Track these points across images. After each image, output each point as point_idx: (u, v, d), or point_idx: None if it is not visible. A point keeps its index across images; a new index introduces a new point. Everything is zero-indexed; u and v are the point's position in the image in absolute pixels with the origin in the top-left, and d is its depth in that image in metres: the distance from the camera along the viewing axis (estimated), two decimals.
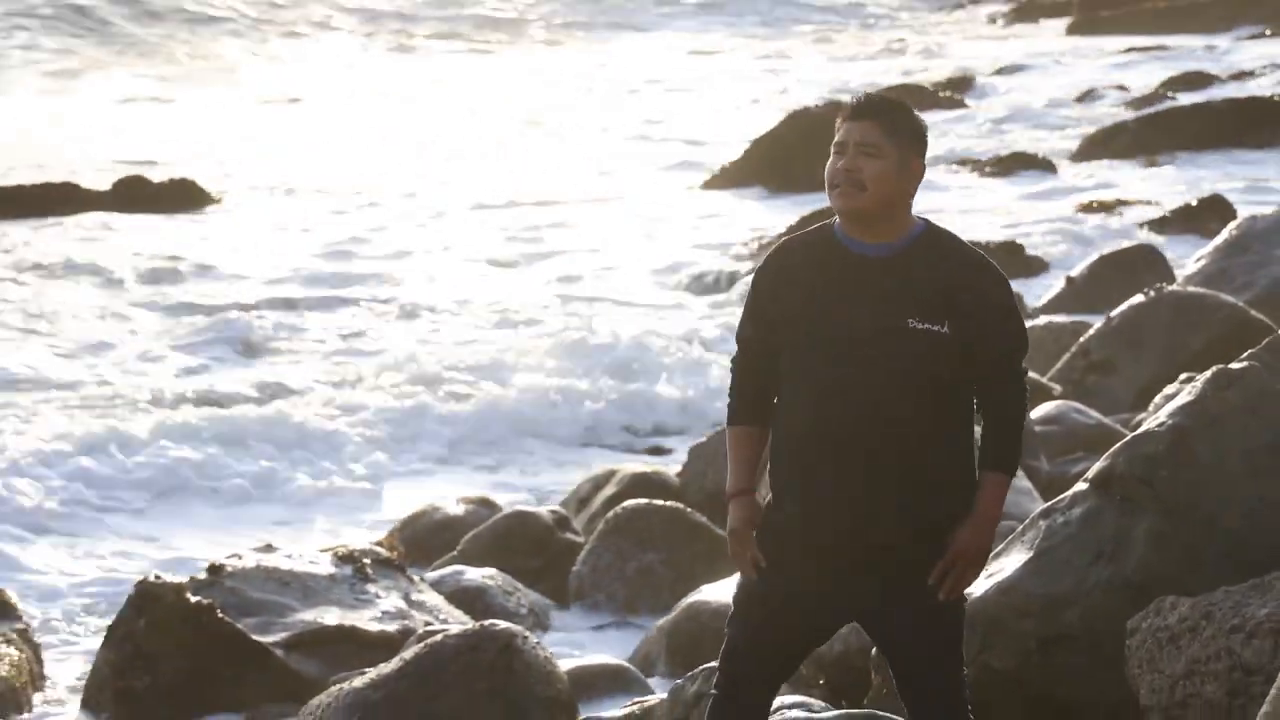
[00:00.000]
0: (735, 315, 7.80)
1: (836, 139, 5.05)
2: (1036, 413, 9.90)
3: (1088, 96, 27.78)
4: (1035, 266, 16.58)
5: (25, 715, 8.39)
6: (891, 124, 5.01)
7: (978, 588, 6.67)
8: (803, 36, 39.82)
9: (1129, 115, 24.39)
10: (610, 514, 9.44)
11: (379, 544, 9.78)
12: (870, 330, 4.95)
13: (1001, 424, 5.07)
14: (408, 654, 7.34)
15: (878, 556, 5.02)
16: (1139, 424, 7.78)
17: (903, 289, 4.97)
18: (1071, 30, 36.44)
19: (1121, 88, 28.27)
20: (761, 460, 5.19)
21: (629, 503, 9.49)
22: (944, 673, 5.12)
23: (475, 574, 9.18)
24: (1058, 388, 10.85)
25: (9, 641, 8.63)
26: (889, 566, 5.03)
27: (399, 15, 39.74)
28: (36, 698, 8.59)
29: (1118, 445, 6.84)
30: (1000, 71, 31.10)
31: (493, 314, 16.77)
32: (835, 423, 4.98)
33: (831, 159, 5.05)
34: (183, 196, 21.67)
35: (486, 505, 10.63)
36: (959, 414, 5.04)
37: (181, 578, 8.29)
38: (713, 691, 5.26)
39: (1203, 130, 22.93)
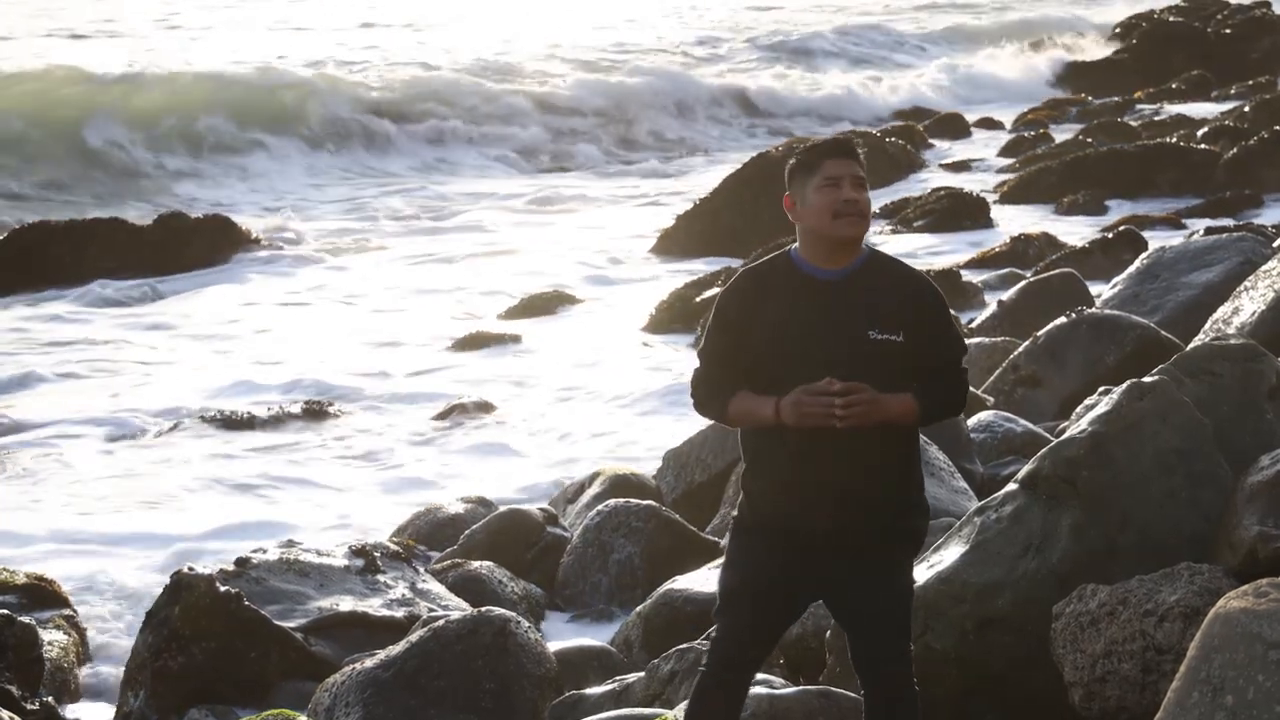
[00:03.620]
0: None
1: (827, 174, 5.07)
2: (971, 421, 9.86)
3: (1017, 146, 27.81)
4: (971, 291, 16.55)
5: (74, 691, 8.33)
6: (864, 162, 5.17)
7: (921, 576, 6.64)
8: None
9: (1053, 161, 24.38)
10: (594, 511, 9.39)
11: (394, 539, 9.72)
12: (835, 342, 5.02)
13: (934, 388, 5.08)
14: (414, 637, 7.30)
15: (838, 539, 5.07)
16: (1063, 431, 7.76)
17: (862, 305, 5.06)
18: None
19: (1046, 136, 28.32)
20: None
21: (611, 501, 9.44)
22: (894, 642, 5.20)
23: (474, 565, 9.12)
24: (990, 399, 10.81)
25: (58, 626, 8.57)
26: (847, 548, 5.07)
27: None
28: (84, 673, 8.54)
29: (1044, 449, 6.82)
30: (944, 125, 31.15)
31: None
32: (803, 427, 4.98)
33: (825, 191, 5.07)
34: (220, 235, 21.10)
35: (484, 504, 10.59)
36: None
37: (212, 569, 8.22)
38: (701, 668, 5.25)
39: (1117, 173, 22.97)
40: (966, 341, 5.42)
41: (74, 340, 17.00)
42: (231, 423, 13.45)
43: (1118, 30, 39.22)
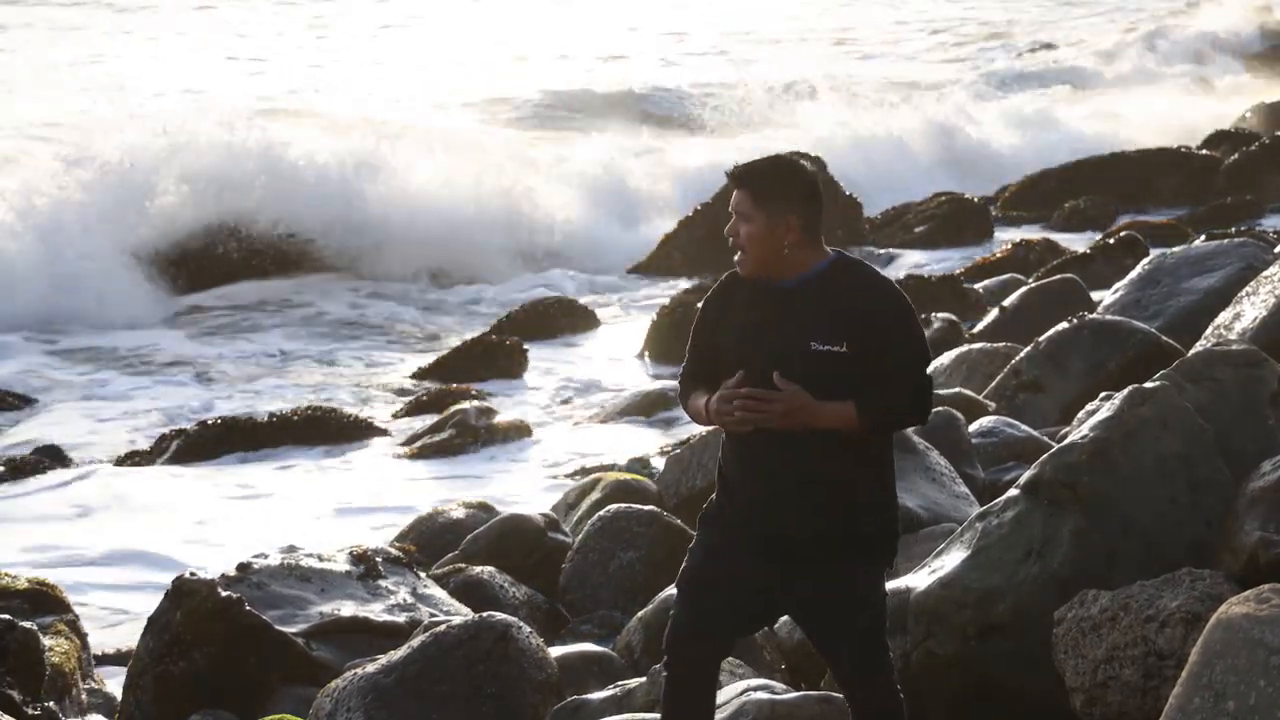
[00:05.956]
0: None
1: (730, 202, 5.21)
2: (973, 426, 9.87)
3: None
4: (972, 297, 16.55)
5: (76, 696, 8.32)
6: (759, 190, 5.10)
7: (922, 582, 6.63)
8: None
9: (1053, 164, 24.38)
10: (595, 517, 9.38)
11: (395, 544, 9.71)
12: (780, 351, 5.04)
13: (879, 397, 5.06)
14: (415, 642, 7.29)
15: (785, 545, 5.08)
16: (1064, 436, 7.75)
17: (807, 315, 5.08)
18: None
19: None
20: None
21: (612, 507, 9.43)
22: (865, 655, 5.15)
23: (475, 570, 9.12)
24: (992, 404, 10.81)
25: (59, 631, 8.55)
26: (806, 552, 5.09)
27: None
28: (85, 679, 8.52)
29: (1045, 455, 6.82)
30: None
31: None
32: (755, 431, 5.08)
33: None
34: None
35: (485, 509, 10.59)
36: None
37: (213, 574, 8.22)
38: (664, 674, 5.28)
39: (1119, 176, 22.97)
40: (929, 351, 5.38)
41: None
42: (235, 429, 13.44)
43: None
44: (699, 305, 5.39)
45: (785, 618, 6.50)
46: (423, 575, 8.82)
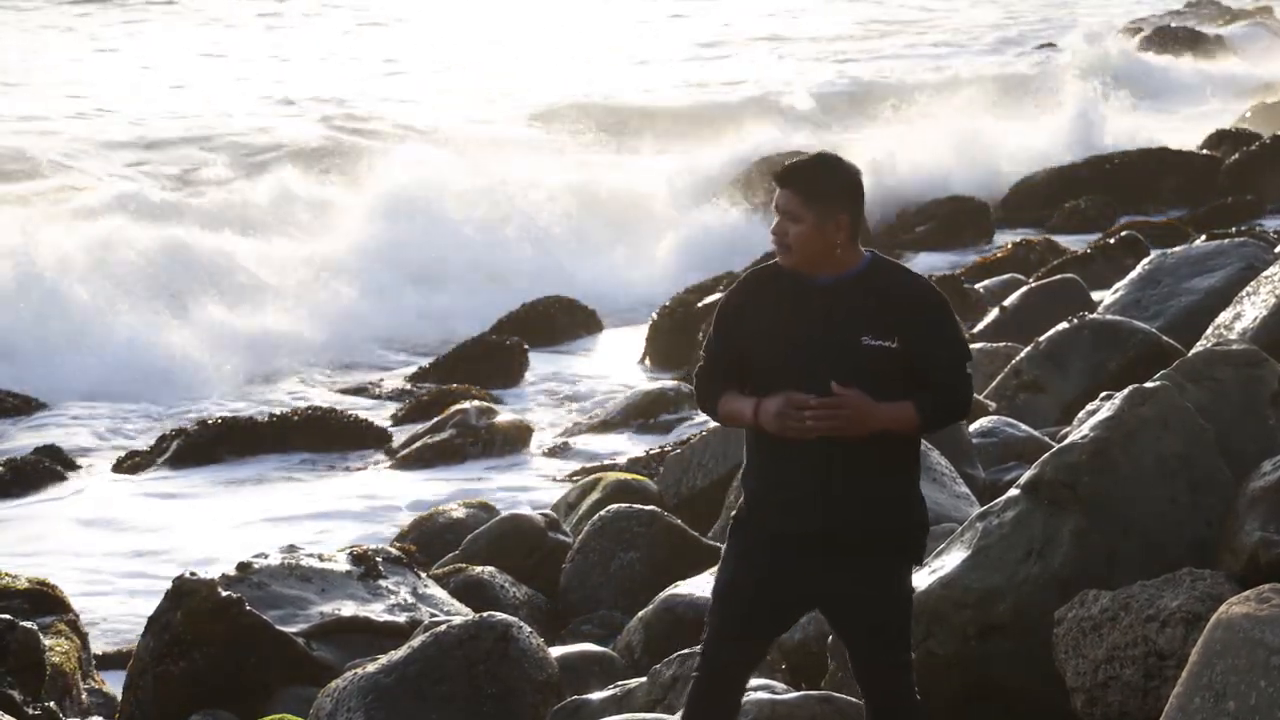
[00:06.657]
0: None
1: (773, 201, 5.15)
2: (973, 426, 9.87)
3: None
4: (972, 297, 16.55)
5: (76, 696, 8.33)
6: (808, 190, 5.06)
7: (923, 582, 6.63)
8: None
9: (1054, 165, 24.36)
10: (595, 517, 9.38)
11: (395, 544, 9.72)
12: (826, 348, 5.01)
13: (934, 396, 5.06)
14: (415, 642, 7.29)
15: (825, 544, 5.05)
16: (1064, 436, 7.75)
17: (855, 311, 5.05)
18: None
19: None
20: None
21: (612, 507, 9.43)
22: (892, 651, 5.17)
23: (475, 570, 9.13)
24: (992, 404, 10.81)
25: (60, 631, 8.56)
26: (844, 554, 5.06)
27: None
28: (85, 679, 8.53)
29: (1046, 455, 6.82)
30: None
31: None
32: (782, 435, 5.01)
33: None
34: None
35: (485, 509, 10.59)
36: None
37: (213, 574, 8.22)
38: (694, 674, 5.24)
39: (1119, 176, 22.96)
40: (970, 347, 5.35)
41: None
42: (234, 430, 13.44)
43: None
44: (718, 306, 5.29)
45: None
46: (423, 575, 8.82)
